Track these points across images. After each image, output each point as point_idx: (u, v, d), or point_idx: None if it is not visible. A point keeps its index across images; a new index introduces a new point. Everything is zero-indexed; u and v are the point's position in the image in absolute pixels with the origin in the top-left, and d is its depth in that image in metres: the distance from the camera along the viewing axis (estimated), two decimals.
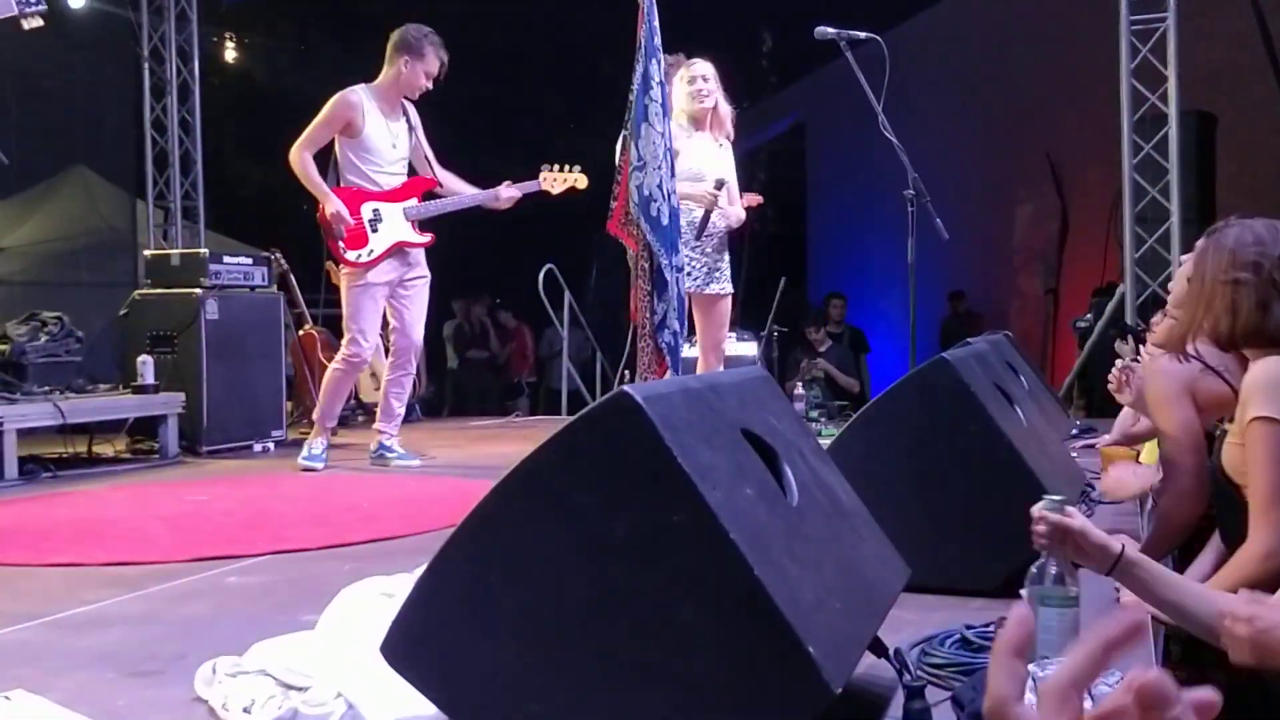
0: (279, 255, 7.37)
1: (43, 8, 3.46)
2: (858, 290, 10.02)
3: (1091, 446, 4.78)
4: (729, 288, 5.38)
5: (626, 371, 5.21)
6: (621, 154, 4.54)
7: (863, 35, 4.69)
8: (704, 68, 5.38)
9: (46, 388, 5.78)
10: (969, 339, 3.61)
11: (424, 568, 1.65)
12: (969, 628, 2.17)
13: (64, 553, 3.55)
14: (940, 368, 2.73)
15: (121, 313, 6.61)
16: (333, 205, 5.31)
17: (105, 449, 6.13)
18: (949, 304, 10.65)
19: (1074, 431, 5.40)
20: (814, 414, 6.81)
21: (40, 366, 5.98)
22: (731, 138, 5.51)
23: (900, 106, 4.76)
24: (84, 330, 6.49)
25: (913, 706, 1.76)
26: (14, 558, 3.50)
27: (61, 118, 8.99)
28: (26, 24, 3.39)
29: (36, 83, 8.41)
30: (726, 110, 5.44)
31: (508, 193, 5.57)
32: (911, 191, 4.66)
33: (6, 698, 2.01)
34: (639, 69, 4.36)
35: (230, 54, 10.67)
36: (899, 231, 4.74)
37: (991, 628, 2.16)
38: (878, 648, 1.84)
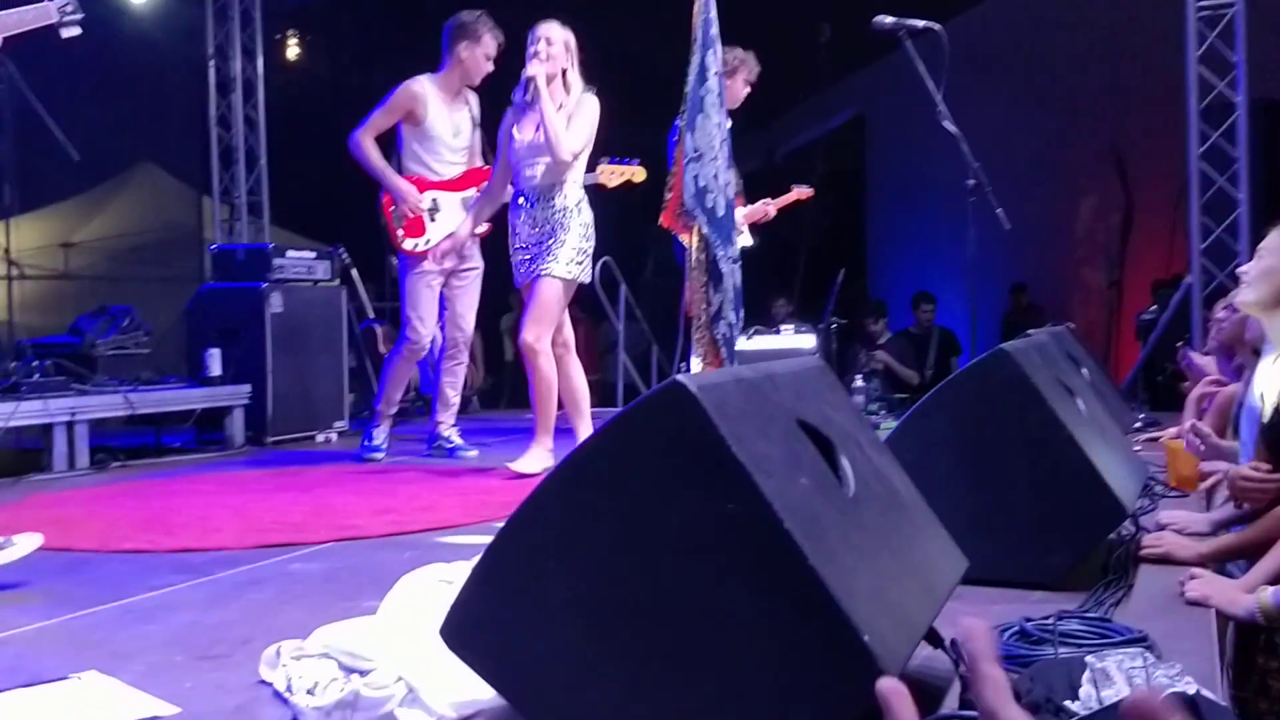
0: (343, 251, 7.45)
1: (80, 15, 3.47)
2: (918, 283, 9.91)
3: (1155, 440, 4.72)
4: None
5: (683, 364, 5.19)
6: (677, 145, 4.53)
7: (921, 25, 4.65)
8: (545, 29, 4.86)
9: (116, 380, 5.92)
10: (1030, 331, 3.57)
11: (481, 554, 1.67)
12: (1028, 620, 2.16)
13: (133, 540, 3.64)
14: (1000, 359, 2.70)
15: (188, 306, 6.74)
16: (400, 187, 5.38)
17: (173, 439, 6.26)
18: (1010, 297, 10.50)
19: (1137, 424, 5.33)
20: (873, 407, 6.76)
21: (110, 359, 6.13)
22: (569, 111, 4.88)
23: (960, 97, 4.71)
24: (152, 323, 6.63)
25: (969, 697, 1.76)
26: (85, 544, 3.58)
27: (129, 115, 9.13)
28: (65, 33, 3.40)
29: (104, 80, 8.56)
30: (573, 83, 4.88)
31: None
32: (973, 182, 4.62)
33: (79, 678, 2.07)
34: (695, 60, 4.35)
35: (294, 51, 10.81)
36: (960, 224, 4.69)
37: (1051, 620, 2.14)
38: (934, 639, 1.83)
